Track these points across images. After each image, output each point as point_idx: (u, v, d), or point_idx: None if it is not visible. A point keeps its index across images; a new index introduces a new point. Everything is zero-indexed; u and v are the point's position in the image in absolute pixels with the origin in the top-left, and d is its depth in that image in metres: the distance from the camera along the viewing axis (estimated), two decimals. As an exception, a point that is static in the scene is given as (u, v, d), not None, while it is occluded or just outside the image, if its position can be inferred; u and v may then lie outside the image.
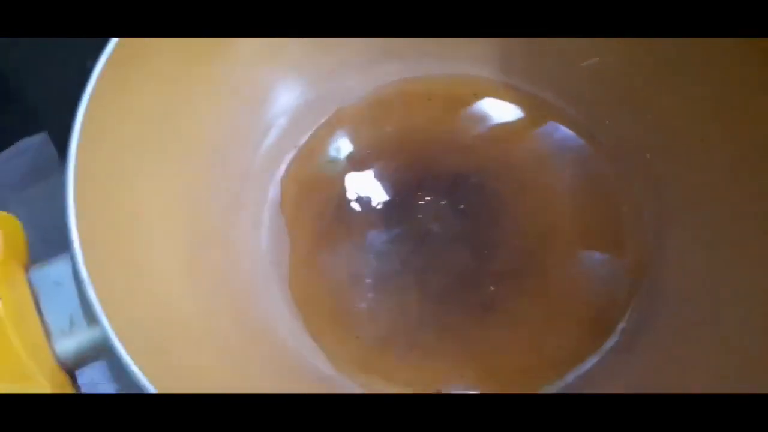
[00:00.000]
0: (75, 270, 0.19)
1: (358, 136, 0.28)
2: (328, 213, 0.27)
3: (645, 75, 0.26)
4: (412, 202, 0.27)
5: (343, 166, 0.28)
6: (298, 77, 0.28)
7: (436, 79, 0.29)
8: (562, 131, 0.28)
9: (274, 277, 0.26)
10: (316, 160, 0.28)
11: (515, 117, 0.28)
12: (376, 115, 0.29)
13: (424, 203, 0.27)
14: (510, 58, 0.29)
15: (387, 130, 0.29)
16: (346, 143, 0.28)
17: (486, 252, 0.26)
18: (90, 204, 0.20)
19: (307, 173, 0.28)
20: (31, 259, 0.20)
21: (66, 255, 0.19)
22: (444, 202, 0.27)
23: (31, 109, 0.36)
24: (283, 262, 0.26)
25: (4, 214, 0.20)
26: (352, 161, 0.28)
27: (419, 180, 0.27)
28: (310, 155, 0.28)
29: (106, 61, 0.20)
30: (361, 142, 0.28)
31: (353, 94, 0.29)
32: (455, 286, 0.25)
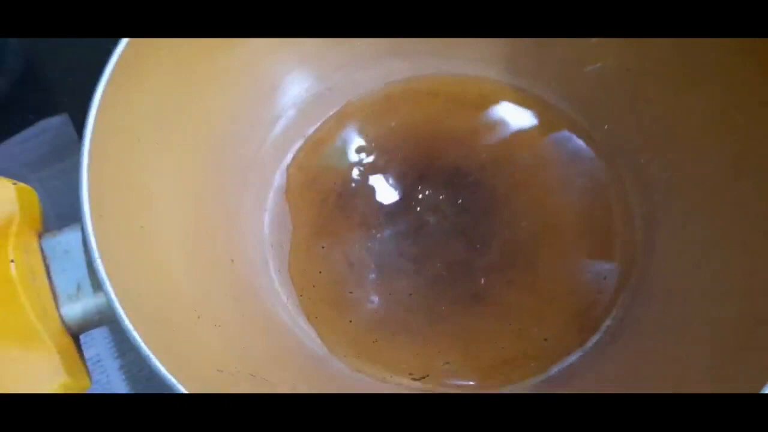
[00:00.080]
0: (84, 240, 0.20)
1: (364, 129, 0.29)
2: (331, 201, 0.28)
3: (645, 82, 0.26)
4: (412, 195, 0.28)
5: (348, 158, 0.29)
6: (308, 71, 0.29)
7: (442, 77, 0.30)
8: (562, 133, 0.29)
9: (275, 261, 0.27)
10: (322, 150, 0.29)
11: (517, 117, 0.29)
12: (383, 110, 0.30)
13: (423, 196, 0.28)
14: (515, 60, 0.29)
15: (392, 124, 0.29)
16: (352, 136, 0.29)
17: (479, 245, 0.26)
18: (102, 180, 0.21)
19: (312, 162, 0.29)
20: (45, 228, 0.22)
21: (77, 225, 0.21)
22: (442, 196, 0.27)
23: (53, 90, 0.37)
24: (284, 247, 0.27)
25: (21, 185, 0.21)
26: (356, 153, 0.29)
27: (420, 174, 0.28)
28: (317, 146, 0.29)
29: (123, 49, 0.21)
30: (367, 135, 0.29)
31: (361, 88, 0.30)
32: (447, 276, 0.26)
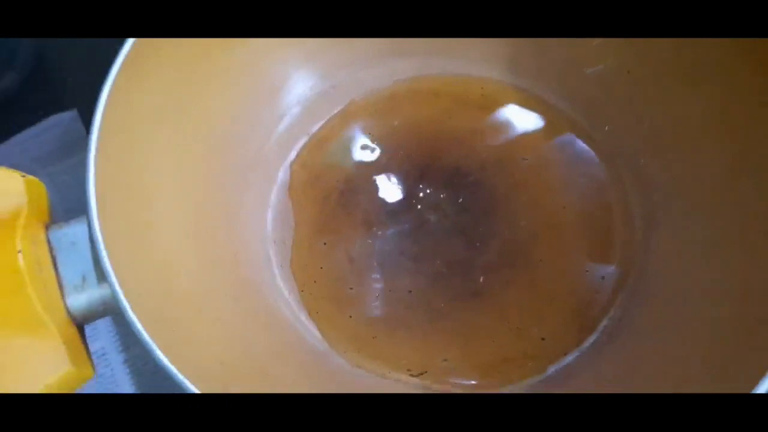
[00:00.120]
0: (90, 232, 0.20)
1: (367, 127, 0.30)
2: (333, 199, 0.28)
3: (645, 83, 0.27)
4: (414, 193, 0.28)
5: (351, 156, 0.29)
6: (313, 69, 0.30)
7: (445, 77, 0.30)
8: (563, 133, 0.29)
9: (277, 256, 0.27)
10: (326, 148, 0.29)
11: (519, 118, 0.29)
12: (386, 109, 0.30)
13: (425, 195, 0.28)
14: (518, 61, 0.30)
15: (395, 123, 0.30)
16: (355, 134, 0.30)
17: (479, 244, 0.27)
18: (108, 174, 0.21)
19: (316, 160, 0.29)
20: (52, 221, 0.22)
21: (83, 218, 0.21)
22: (443, 195, 0.28)
23: (63, 86, 0.38)
24: (287, 243, 0.27)
25: (30, 178, 0.22)
26: (359, 151, 0.29)
27: (422, 172, 0.28)
28: (320, 144, 0.29)
29: (130, 49, 0.22)
30: (370, 134, 0.30)
31: (365, 87, 0.30)
32: (447, 274, 0.26)
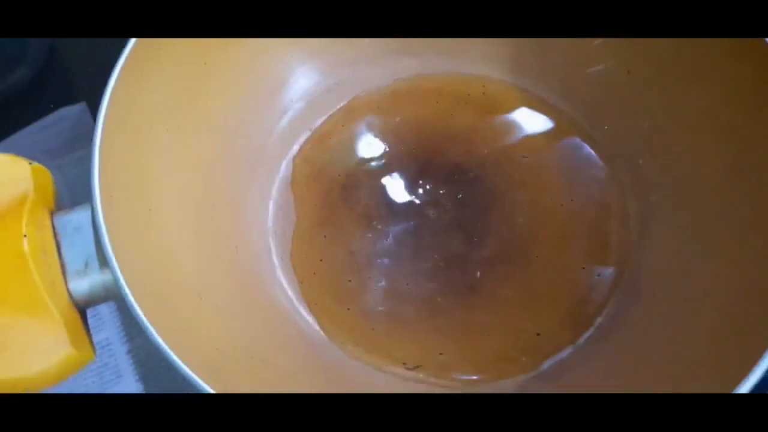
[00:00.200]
0: (94, 219, 0.21)
1: (369, 123, 0.30)
2: (334, 193, 0.28)
3: (645, 84, 0.27)
4: (414, 189, 0.28)
5: (353, 151, 0.29)
6: (317, 66, 0.30)
7: (447, 76, 0.31)
8: (564, 132, 0.29)
9: (277, 249, 0.28)
10: (328, 143, 0.30)
11: (520, 117, 0.30)
12: (389, 106, 0.30)
13: (424, 191, 0.28)
14: (519, 61, 0.30)
15: (397, 120, 0.30)
16: (357, 130, 0.30)
17: (476, 239, 0.27)
18: (113, 163, 0.22)
19: (318, 155, 0.29)
20: (57, 207, 0.23)
21: (87, 205, 0.21)
22: (443, 191, 0.28)
23: (73, 80, 0.38)
24: (287, 235, 0.28)
25: (36, 165, 0.22)
26: (361, 147, 0.30)
27: (422, 169, 0.29)
28: (323, 139, 0.30)
29: (135, 44, 0.23)
30: (372, 130, 0.30)
31: (369, 84, 0.31)
32: (444, 268, 0.26)
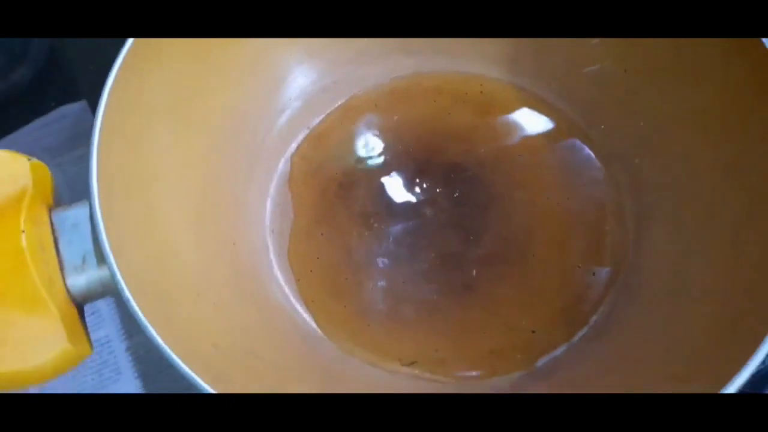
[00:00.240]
0: (91, 215, 0.21)
1: (367, 122, 0.30)
2: (332, 191, 0.29)
3: (641, 83, 0.27)
4: (411, 187, 0.28)
5: (351, 149, 0.30)
6: (315, 65, 0.30)
7: (446, 75, 0.31)
8: (561, 132, 0.29)
9: (275, 246, 0.28)
10: (326, 141, 0.30)
11: (517, 116, 0.30)
12: (387, 105, 0.30)
13: (422, 189, 0.28)
14: (517, 60, 0.30)
15: (395, 119, 0.30)
16: (355, 128, 0.30)
17: (473, 238, 0.27)
18: (113, 159, 0.22)
19: (316, 153, 0.30)
20: (56, 203, 0.23)
21: (86, 201, 0.22)
22: (440, 190, 0.28)
23: (74, 78, 0.39)
24: (285, 233, 0.28)
25: (35, 161, 0.22)
26: (359, 145, 0.30)
27: (420, 167, 0.29)
28: (321, 137, 0.30)
29: (134, 44, 0.23)
30: (370, 129, 0.30)
31: (367, 83, 0.31)
32: (441, 266, 0.27)
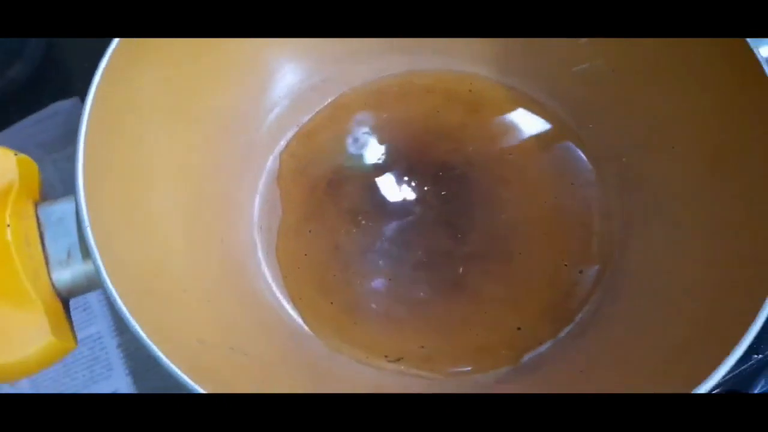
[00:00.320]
0: (77, 209, 0.21)
1: (356, 120, 0.30)
2: (321, 188, 0.29)
3: (629, 83, 0.27)
4: (399, 185, 0.29)
5: (340, 147, 0.30)
6: (305, 63, 0.30)
7: (436, 73, 0.31)
8: (549, 130, 0.29)
9: (263, 242, 0.28)
10: (315, 139, 0.30)
11: (507, 114, 0.30)
12: (377, 103, 0.31)
13: (410, 187, 0.28)
14: (508, 59, 0.30)
15: (385, 117, 0.30)
16: (345, 126, 0.30)
17: (460, 236, 0.27)
18: (100, 154, 0.22)
19: (305, 150, 0.30)
20: (43, 198, 0.23)
21: (71, 196, 0.22)
22: (428, 188, 0.28)
23: (70, 75, 0.39)
24: (273, 229, 0.28)
25: (22, 156, 0.23)
26: (348, 143, 0.30)
27: (409, 165, 0.29)
28: (310, 134, 0.30)
29: (122, 41, 0.23)
30: (359, 126, 0.30)
31: (357, 81, 0.31)
32: (428, 263, 0.27)
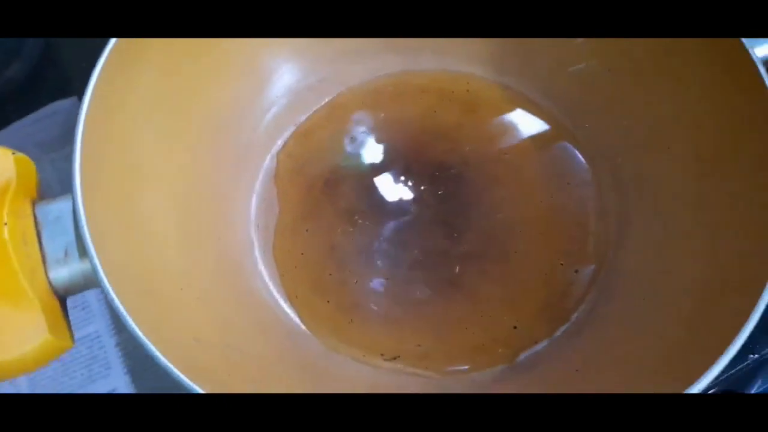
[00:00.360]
0: (74, 208, 0.21)
1: (353, 120, 0.30)
2: (317, 187, 0.29)
3: (624, 83, 0.27)
4: (396, 185, 0.29)
5: (337, 146, 0.30)
6: (302, 63, 0.30)
7: (432, 73, 0.31)
8: (546, 130, 0.29)
9: (260, 241, 0.28)
10: (312, 138, 0.30)
11: (503, 114, 0.30)
12: (374, 102, 0.31)
13: (407, 186, 0.29)
14: (503, 59, 0.30)
15: (381, 116, 0.30)
16: (341, 125, 0.30)
17: (456, 235, 0.27)
18: (98, 153, 0.22)
19: (302, 150, 0.30)
20: (40, 197, 0.23)
21: (69, 195, 0.22)
22: (424, 187, 0.28)
23: (68, 75, 0.39)
24: (270, 229, 0.28)
25: (19, 155, 0.23)
26: (345, 142, 0.30)
27: (405, 165, 0.29)
28: (307, 134, 0.30)
29: (119, 42, 0.23)
30: (356, 126, 0.30)
31: (353, 81, 0.31)
32: (424, 263, 0.27)
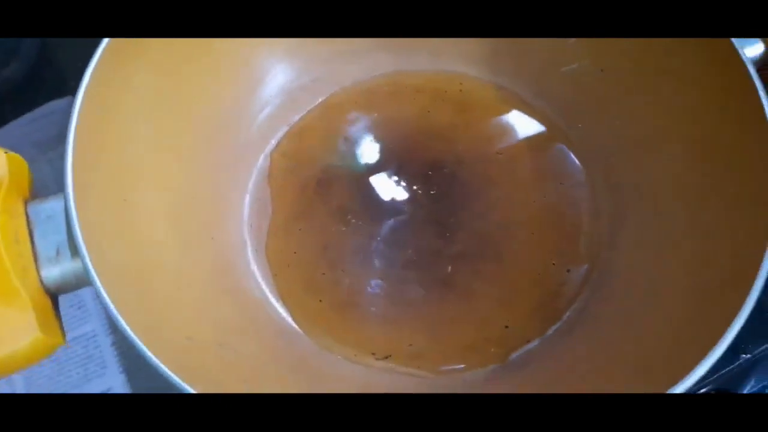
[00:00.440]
0: (66, 207, 0.21)
1: (347, 119, 0.30)
2: (311, 187, 0.29)
3: (617, 83, 0.27)
4: (389, 184, 0.29)
5: (330, 146, 0.30)
6: (295, 63, 0.30)
7: (426, 73, 0.31)
8: (539, 131, 0.29)
9: (253, 241, 0.28)
10: (306, 138, 0.30)
11: (496, 114, 0.30)
12: (367, 102, 0.31)
13: (400, 186, 0.29)
14: (497, 59, 0.30)
15: (375, 116, 0.30)
16: (335, 125, 0.30)
17: (449, 234, 0.27)
18: (90, 152, 0.22)
19: (295, 149, 0.30)
20: (32, 196, 0.23)
21: (61, 194, 0.22)
22: (418, 186, 0.28)
23: (65, 75, 0.39)
24: (263, 228, 0.28)
25: (12, 153, 0.23)
26: (338, 142, 0.30)
27: (398, 165, 0.29)
28: (301, 133, 0.30)
29: (113, 41, 0.23)
30: (350, 126, 0.30)
31: (347, 80, 0.31)
32: (417, 262, 0.27)
